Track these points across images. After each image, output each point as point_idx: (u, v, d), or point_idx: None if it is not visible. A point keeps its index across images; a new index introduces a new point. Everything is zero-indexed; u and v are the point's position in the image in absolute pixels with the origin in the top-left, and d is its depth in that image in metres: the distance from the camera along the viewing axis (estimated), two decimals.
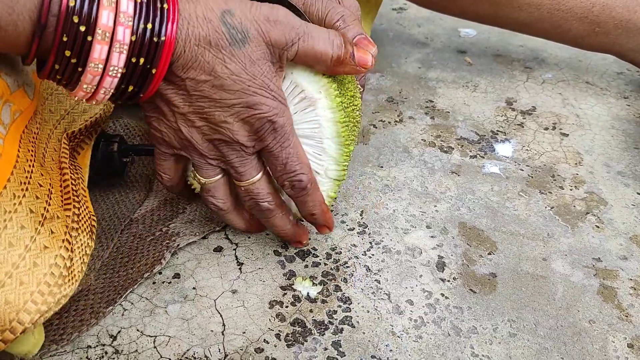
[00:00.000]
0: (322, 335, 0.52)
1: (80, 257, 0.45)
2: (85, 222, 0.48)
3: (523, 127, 0.81)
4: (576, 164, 0.74)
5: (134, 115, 0.75)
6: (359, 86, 0.57)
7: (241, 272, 0.57)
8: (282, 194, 0.56)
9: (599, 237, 0.63)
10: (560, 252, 0.60)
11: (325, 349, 0.50)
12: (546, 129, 0.80)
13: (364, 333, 0.52)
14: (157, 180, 0.68)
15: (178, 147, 0.50)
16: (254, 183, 0.51)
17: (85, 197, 0.50)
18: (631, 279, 0.58)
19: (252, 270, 0.57)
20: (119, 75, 0.41)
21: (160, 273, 0.57)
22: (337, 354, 0.50)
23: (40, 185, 0.44)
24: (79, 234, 0.45)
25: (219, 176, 0.52)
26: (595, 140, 0.78)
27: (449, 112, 0.83)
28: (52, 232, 0.43)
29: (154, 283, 0.56)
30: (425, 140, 0.77)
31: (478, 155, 0.74)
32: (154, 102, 0.47)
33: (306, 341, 0.51)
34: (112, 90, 0.43)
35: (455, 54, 1.00)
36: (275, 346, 0.50)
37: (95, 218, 0.50)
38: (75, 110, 0.55)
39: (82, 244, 0.46)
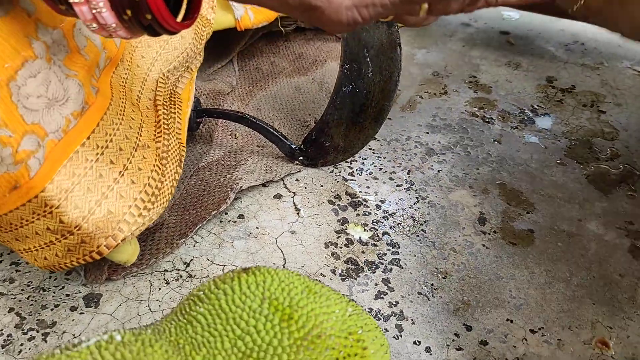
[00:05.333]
0: (373, 272, 0.57)
1: (170, 182, 0.51)
2: (174, 152, 0.54)
3: (562, 103, 0.85)
4: (612, 138, 0.78)
5: (199, 77, 0.81)
6: None
7: (299, 216, 0.63)
8: None
9: (632, 204, 0.67)
10: (594, 215, 0.65)
11: (376, 284, 0.56)
12: (584, 106, 0.84)
13: (411, 273, 0.57)
14: (217, 134, 0.74)
15: None
16: None
17: (180, 128, 0.56)
18: None
19: (309, 216, 0.63)
20: None
21: (226, 213, 0.63)
22: (386, 289, 0.55)
23: (133, 119, 0.51)
24: (168, 162, 0.51)
25: None
26: (631, 118, 0.82)
27: (491, 87, 0.87)
28: (144, 158, 0.49)
29: (220, 222, 0.62)
30: (468, 111, 0.82)
31: (519, 127, 0.79)
32: None
33: (359, 277, 0.56)
34: None
35: (498, 34, 1.03)
36: (330, 279, 0.56)
37: (184, 148, 0.56)
38: (166, 49, 0.60)
39: (171, 170, 0.52)
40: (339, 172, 0.69)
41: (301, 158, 0.69)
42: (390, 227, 0.62)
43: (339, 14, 0.29)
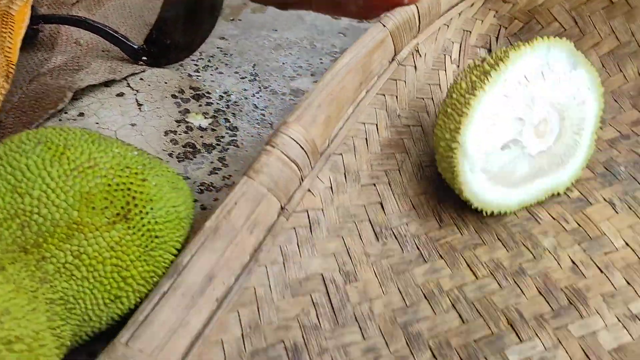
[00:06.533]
0: (210, 153, 0.60)
1: None
2: (2, 68, 0.54)
3: None
4: None
5: None
6: None
7: (140, 111, 0.64)
8: None
9: None
10: None
11: (212, 162, 0.59)
12: None
13: (246, 151, 0.60)
14: (60, 42, 0.73)
15: None
16: None
17: (10, 48, 0.56)
18: None
19: (150, 110, 0.64)
20: None
21: (65, 112, 0.63)
22: (221, 165, 0.58)
23: None
24: None
25: None
26: None
27: None
28: None
29: (60, 120, 0.62)
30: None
31: (364, 21, 0.82)
32: None
33: (195, 157, 0.59)
34: None
35: None
36: (168, 162, 0.58)
37: (13, 66, 0.56)
38: None
39: None
40: (185, 70, 0.70)
41: (144, 58, 0.69)
42: (232, 114, 0.65)
43: None
